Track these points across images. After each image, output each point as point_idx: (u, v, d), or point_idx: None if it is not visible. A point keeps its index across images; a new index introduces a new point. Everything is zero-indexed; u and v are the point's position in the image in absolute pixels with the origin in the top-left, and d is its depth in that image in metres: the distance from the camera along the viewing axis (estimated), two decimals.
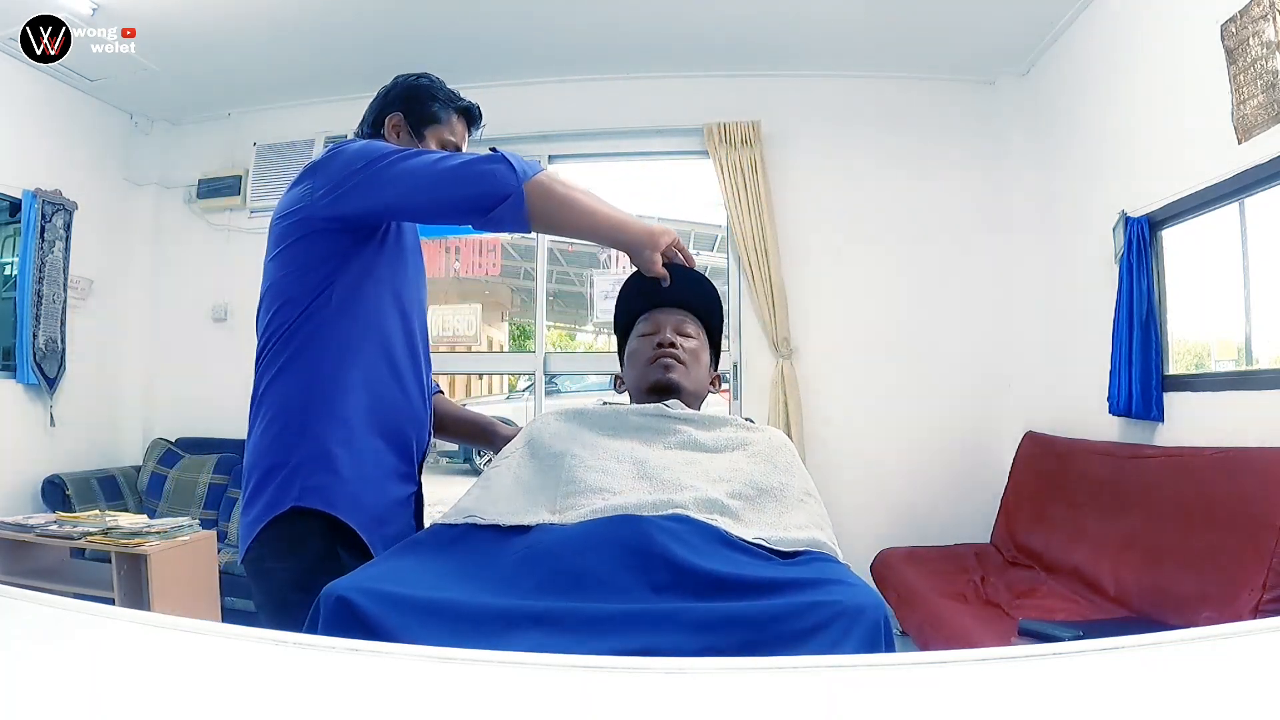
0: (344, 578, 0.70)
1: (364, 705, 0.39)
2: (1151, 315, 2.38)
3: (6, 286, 3.41)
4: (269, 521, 0.98)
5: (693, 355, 1.17)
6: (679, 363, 1.14)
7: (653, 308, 1.21)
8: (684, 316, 1.20)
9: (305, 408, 1.01)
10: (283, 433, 1.00)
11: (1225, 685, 0.33)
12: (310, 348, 1.02)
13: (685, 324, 1.19)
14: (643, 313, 1.22)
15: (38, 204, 3.23)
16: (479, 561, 0.77)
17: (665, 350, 1.14)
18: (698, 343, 1.19)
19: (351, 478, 1.00)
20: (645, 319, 1.21)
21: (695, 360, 1.17)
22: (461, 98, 1.26)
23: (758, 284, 3.30)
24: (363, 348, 1.04)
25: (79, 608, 0.51)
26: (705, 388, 1.20)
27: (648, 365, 1.15)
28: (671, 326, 1.18)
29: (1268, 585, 1.63)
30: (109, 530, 2.39)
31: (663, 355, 1.14)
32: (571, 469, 0.92)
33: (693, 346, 1.18)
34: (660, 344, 1.15)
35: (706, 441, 0.99)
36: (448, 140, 1.22)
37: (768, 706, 0.37)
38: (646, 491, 0.85)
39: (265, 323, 1.05)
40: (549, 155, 3.54)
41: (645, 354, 1.16)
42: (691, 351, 1.17)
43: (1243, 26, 1.98)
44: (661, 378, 1.13)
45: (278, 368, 1.02)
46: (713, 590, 0.69)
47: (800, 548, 0.80)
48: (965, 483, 3.23)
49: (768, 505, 0.88)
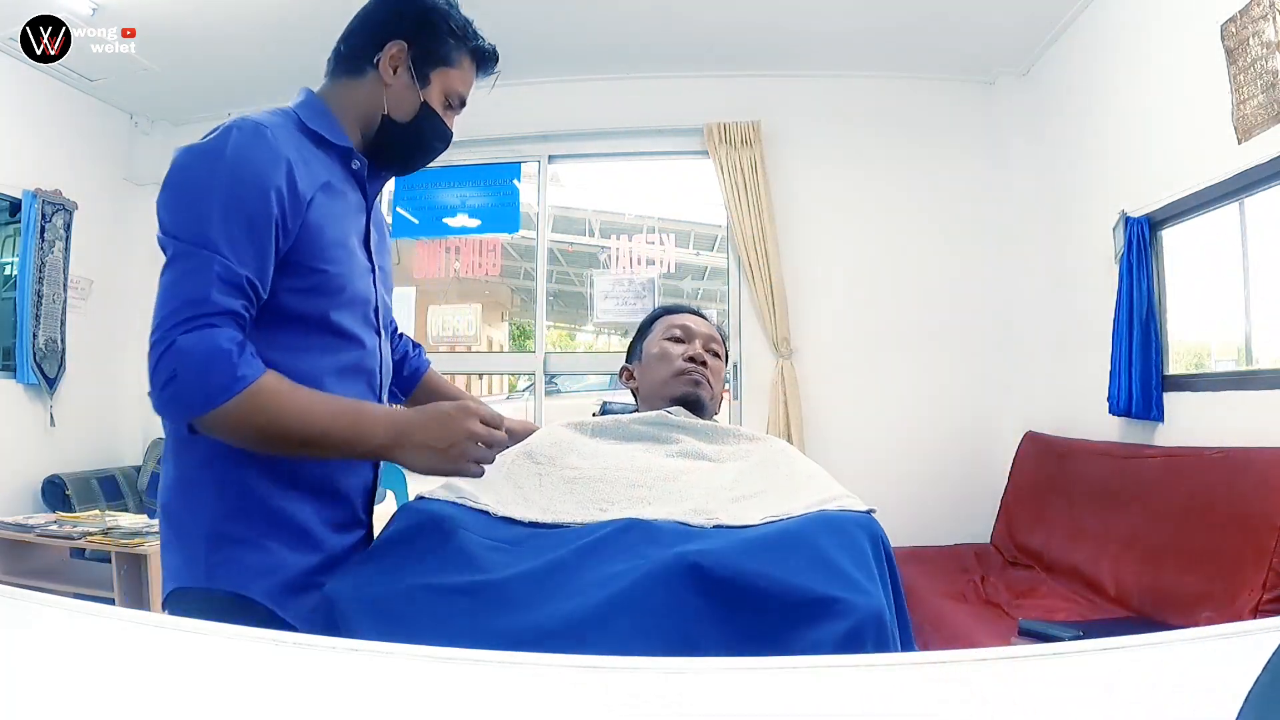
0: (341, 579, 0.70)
1: (364, 705, 0.39)
2: (1151, 315, 2.38)
3: (6, 286, 3.41)
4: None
5: (716, 375, 1.17)
6: (706, 379, 1.13)
7: (684, 312, 1.22)
8: (713, 333, 1.21)
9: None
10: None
11: (1225, 685, 0.33)
12: None
13: (713, 342, 1.20)
14: (671, 312, 1.23)
15: (38, 204, 3.23)
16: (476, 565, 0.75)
17: (698, 368, 1.13)
18: (720, 364, 1.20)
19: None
20: (675, 319, 1.21)
21: (717, 377, 1.17)
22: (479, 35, 1.02)
23: (758, 284, 3.30)
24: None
25: (79, 608, 0.51)
26: (719, 403, 1.21)
27: (675, 377, 1.13)
28: (703, 341, 1.17)
29: (1268, 585, 1.63)
30: (109, 530, 2.39)
31: (695, 371, 1.13)
32: (568, 475, 0.90)
33: (716, 367, 1.18)
34: (694, 358, 1.13)
35: (708, 452, 0.98)
36: (454, 90, 0.99)
37: (768, 706, 0.37)
38: (644, 502, 0.83)
39: None
40: (549, 155, 3.55)
41: (674, 362, 1.14)
42: (715, 372, 1.17)
43: (1243, 26, 1.98)
44: (691, 392, 1.12)
45: None
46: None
47: (813, 509, 0.79)
48: (965, 483, 3.23)
49: (769, 500, 0.87)
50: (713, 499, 0.84)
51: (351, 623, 0.64)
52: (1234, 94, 2.01)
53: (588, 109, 3.50)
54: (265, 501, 0.81)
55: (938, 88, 3.40)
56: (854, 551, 0.70)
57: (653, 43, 3.23)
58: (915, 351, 3.32)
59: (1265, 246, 2.11)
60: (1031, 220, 3.25)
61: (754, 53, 3.30)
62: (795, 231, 3.37)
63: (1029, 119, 3.27)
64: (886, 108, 3.41)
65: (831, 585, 0.64)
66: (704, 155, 3.42)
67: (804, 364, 3.32)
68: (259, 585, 0.80)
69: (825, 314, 3.36)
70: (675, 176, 3.81)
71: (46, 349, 3.29)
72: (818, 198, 3.40)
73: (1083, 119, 2.87)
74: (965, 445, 3.28)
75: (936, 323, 3.33)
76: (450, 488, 0.87)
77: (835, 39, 3.18)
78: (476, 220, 3.66)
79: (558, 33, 3.16)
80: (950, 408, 3.30)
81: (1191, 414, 2.26)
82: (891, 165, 3.39)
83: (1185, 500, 1.99)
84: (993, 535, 2.99)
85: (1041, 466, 2.85)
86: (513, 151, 3.61)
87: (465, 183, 3.66)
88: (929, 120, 3.40)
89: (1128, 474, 2.29)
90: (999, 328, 3.31)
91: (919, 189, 3.38)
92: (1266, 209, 2.06)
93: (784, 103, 3.43)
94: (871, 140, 3.41)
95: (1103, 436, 2.60)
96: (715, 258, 3.92)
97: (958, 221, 3.36)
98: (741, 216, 3.32)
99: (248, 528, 0.81)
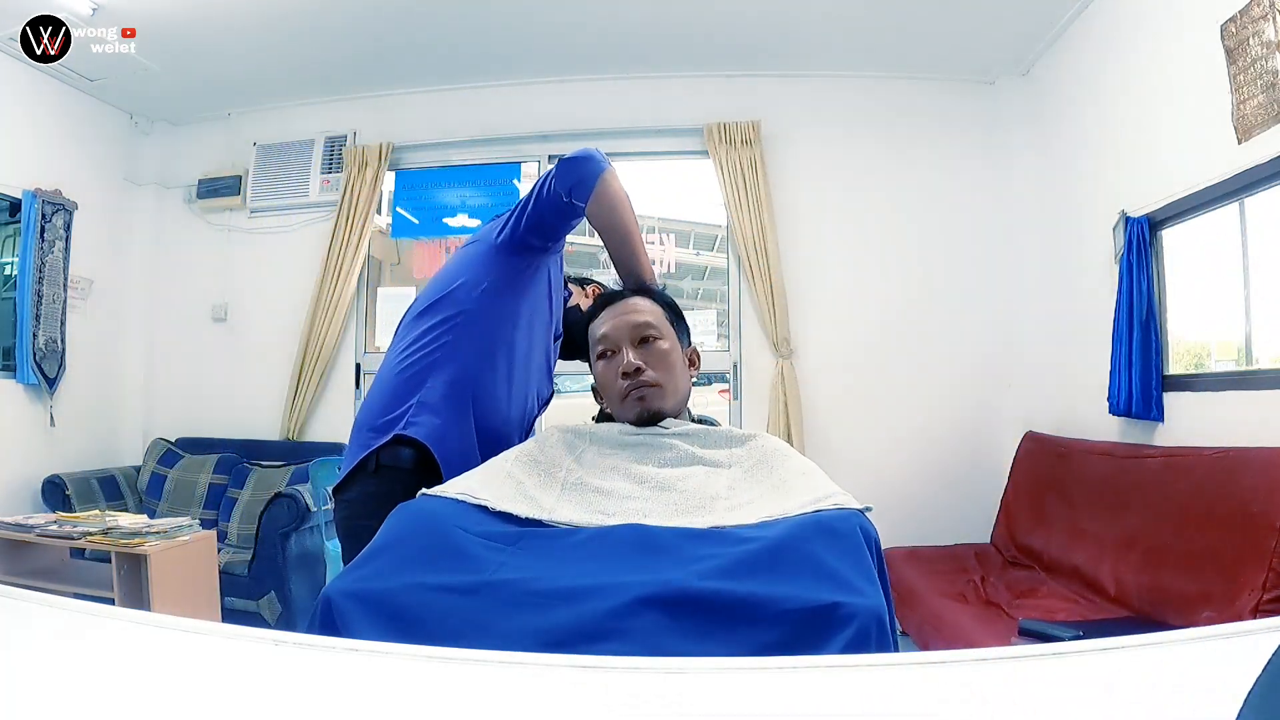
0: (339, 578, 0.70)
1: (364, 705, 0.39)
2: (1151, 315, 2.38)
3: (6, 286, 3.41)
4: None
5: (662, 359, 1.06)
6: (651, 385, 1.04)
7: (605, 308, 1.13)
8: (635, 306, 1.10)
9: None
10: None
11: (1225, 685, 0.33)
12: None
13: (641, 321, 1.08)
14: (596, 312, 1.14)
15: (38, 204, 3.23)
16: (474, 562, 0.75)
17: (633, 381, 1.03)
18: (664, 340, 1.08)
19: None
20: (598, 328, 1.11)
21: (667, 366, 1.06)
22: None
23: (758, 284, 3.30)
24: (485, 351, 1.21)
25: (79, 608, 0.51)
26: (687, 383, 1.11)
27: (622, 403, 1.05)
28: (630, 340, 1.06)
29: (1268, 585, 1.63)
30: (109, 530, 2.39)
31: (633, 389, 1.03)
32: (569, 479, 0.90)
33: (660, 354, 1.06)
34: (625, 373, 1.04)
35: (703, 457, 0.96)
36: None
37: (768, 706, 0.37)
38: (640, 514, 0.83)
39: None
40: (549, 155, 3.54)
41: (613, 386, 1.06)
42: (660, 355, 1.06)
43: (1243, 26, 1.97)
44: (641, 411, 1.03)
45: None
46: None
47: (807, 509, 0.78)
48: (965, 483, 3.23)
49: (765, 504, 0.87)
50: (708, 507, 0.84)
51: (349, 622, 0.64)
52: (1234, 94, 2.01)
53: (588, 109, 3.50)
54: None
55: (938, 88, 3.40)
56: (849, 552, 0.70)
57: (653, 43, 3.23)
58: (915, 351, 3.32)
59: (1265, 246, 2.11)
60: (1031, 220, 3.25)
61: (754, 53, 3.31)
62: (795, 231, 3.37)
63: (1029, 119, 3.27)
64: (886, 108, 3.41)
65: (831, 591, 0.63)
66: (704, 155, 3.42)
67: (804, 364, 3.32)
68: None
69: (825, 314, 3.36)
70: (675, 176, 3.81)
71: (46, 349, 3.29)
72: (818, 198, 3.40)
73: (1083, 119, 2.87)
74: (965, 445, 3.28)
75: (936, 322, 3.33)
76: (451, 485, 0.88)
77: (835, 39, 3.18)
78: (476, 220, 3.66)
79: (558, 33, 3.16)
80: (950, 407, 3.30)
81: (1191, 414, 2.26)
82: (891, 165, 3.39)
83: (1185, 500, 1.99)
84: (993, 535, 2.99)
85: (1041, 466, 2.85)
86: (513, 151, 3.61)
87: (465, 183, 3.66)
88: (929, 120, 3.40)
89: (1128, 474, 2.29)
90: (999, 328, 3.31)
91: (919, 189, 3.38)
92: (1266, 209, 2.06)
93: (784, 103, 3.43)
94: (871, 140, 3.41)
95: (1103, 436, 2.60)
96: (715, 258, 3.92)
97: (958, 221, 3.36)
98: (741, 216, 3.32)
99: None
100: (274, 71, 3.46)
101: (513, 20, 3.06)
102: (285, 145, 3.73)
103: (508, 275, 1.22)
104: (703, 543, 0.74)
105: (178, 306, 3.81)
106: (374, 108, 3.63)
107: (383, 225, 3.80)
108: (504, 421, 1.23)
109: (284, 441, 3.53)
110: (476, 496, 0.84)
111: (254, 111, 3.78)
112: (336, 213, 3.55)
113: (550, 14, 3.01)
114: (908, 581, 2.57)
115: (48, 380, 3.30)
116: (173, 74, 3.34)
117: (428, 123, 3.60)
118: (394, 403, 1.17)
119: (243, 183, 3.72)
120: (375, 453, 1.14)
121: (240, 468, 3.34)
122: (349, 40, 3.18)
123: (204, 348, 3.76)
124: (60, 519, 2.55)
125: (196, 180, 3.76)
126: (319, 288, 3.53)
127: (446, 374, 1.18)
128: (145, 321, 3.83)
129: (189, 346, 3.78)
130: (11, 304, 3.28)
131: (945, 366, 3.31)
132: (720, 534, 0.76)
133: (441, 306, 1.22)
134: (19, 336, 3.22)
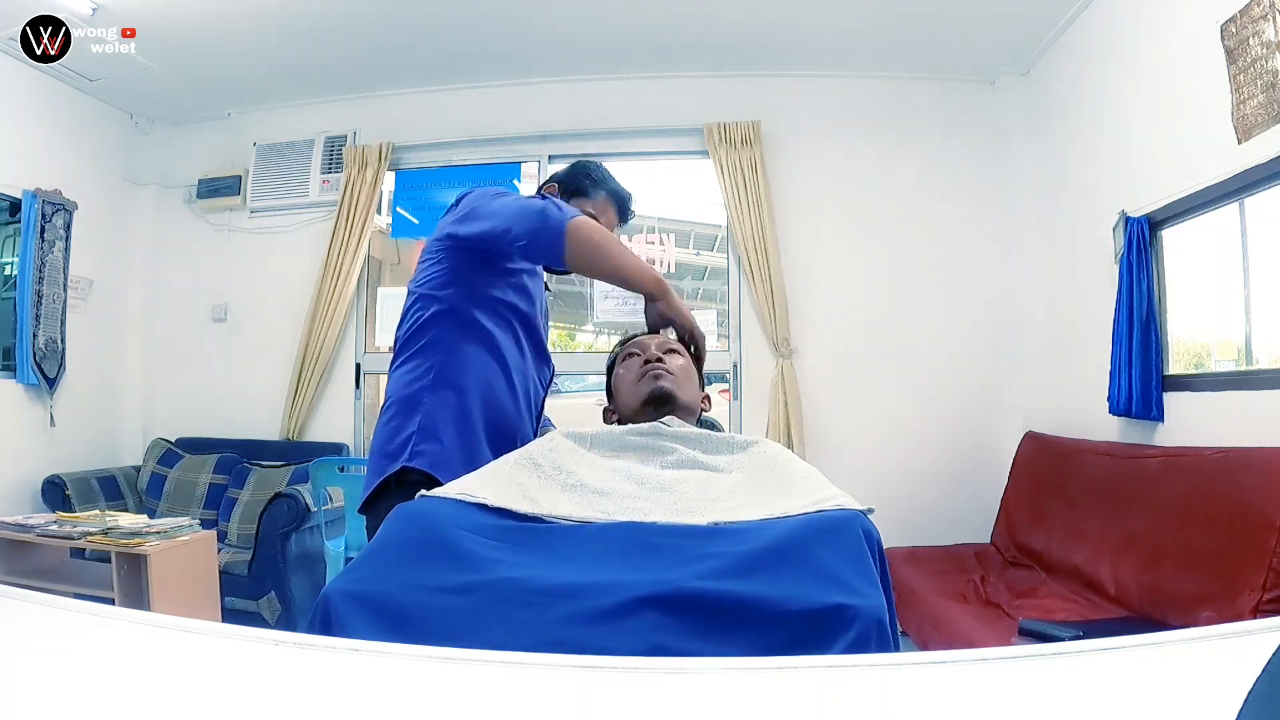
0: (338, 579, 0.70)
1: (364, 705, 0.39)
2: (1151, 315, 2.38)
3: (6, 286, 3.41)
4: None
5: (683, 371, 1.18)
6: (669, 373, 1.15)
7: (636, 338, 1.25)
8: (669, 341, 1.23)
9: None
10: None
11: (1225, 685, 0.33)
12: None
13: (670, 344, 1.22)
14: (626, 342, 1.26)
15: (38, 204, 3.23)
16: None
17: (654, 365, 1.16)
18: (685, 361, 1.20)
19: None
20: (628, 346, 1.24)
21: (686, 376, 1.18)
22: (614, 183, 1.43)
23: (758, 284, 3.30)
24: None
25: (79, 608, 0.51)
26: (698, 405, 1.20)
27: (638, 381, 1.16)
28: (657, 346, 1.20)
29: (1268, 585, 1.63)
30: (109, 530, 2.39)
31: (651, 369, 1.15)
32: (570, 481, 0.90)
33: (681, 364, 1.19)
34: (648, 360, 1.17)
35: (704, 461, 0.97)
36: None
37: (768, 706, 0.37)
38: (641, 514, 0.82)
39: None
40: (549, 155, 3.55)
41: (633, 372, 1.18)
42: (681, 368, 1.18)
43: (1243, 26, 1.98)
44: (654, 387, 1.13)
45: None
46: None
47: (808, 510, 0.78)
48: (965, 483, 3.23)
49: (766, 505, 0.87)
50: (709, 508, 0.84)
51: (348, 622, 0.64)
52: (1234, 94, 2.01)
53: (588, 109, 3.50)
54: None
55: (938, 88, 3.40)
56: (851, 553, 0.70)
57: (653, 43, 3.23)
58: (915, 351, 3.32)
59: (1265, 246, 2.11)
60: (1031, 220, 3.25)
61: (754, 53, 3.31)
62: (795, 231, 3.37)
63: (1029, 119, 3.27)
64: (886, 108, 3.41)
65: (834, 593, 0.63)
66: (704, 155, 3.42)
67: (804, 364, 3.32)
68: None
69: (825, 314, 3.36)
70: (675, 176, 3.81)
71: (46, 349, 3.29)
72: (818, 198, 3.40)
73: (1083, 119, 2.87)
74: (965, 445, 3.28)
75: (936, 322, 3.33)
76: (450, 486, 0.88)
77: (835, 39, 3.18)
78: None
79: (558, 33, 3.16)
80: (950, 407, 3.30)
81: (1191, 414, 2.26)
82: (891, 165, 3.39)
83: (1185, 500, 1.99)
84: (993, 535, 2.99)
85: (1041, 466, 2.85)
86: (513, 151, 3.61)
87: (465, 183, 3.66)
88: (929, 120, 3.40)
89: (1128, 474, 2.29)
90: (999, 328, 3.31)
91: (919, 189, 3.38)
92: (1266, 209, 2.06)
93: (784, 103, 3.43)
94: (871, 140, 3.41)
95: (1103, 436, 2.60)
96: (715, 258, 3.92)
97: (957, 221, 3.36)
98: (741, 216, 3.32)
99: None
100: (274, 71, 3.46)
101: (513, 20, 3.06)
102: (285, 145, 3.73)
103: (469, 273, 1.28)
104: (703, 541, 0.73)
105: (178, 306, 3.81)
106: (374, 108, 3.63)
107: (383, 225, 3.80)
108: (511, 417, 1.27)
109: (284, 441, 3.53)
110: (475, 495, 0.84)
111: (254, 111, 3.78)
112: (336, 213, 3.55)
113: (550, 14, 3.01)
114: (908, 581, 2.57)
115: (48, 380, 3.30)
116: (172, 74, 3.34)
117: (428, 123, 3.60)
118: (398, 430, 1.22)
119: (243, 183, 3.72)
120: (393, 475, 1.20)
121: (240, 468, 3.34)
122: (349, 40, 3.18)
123: (204, 348, 3.76)
124: (60, 519, 2.55)
125: (196, 180, 3.76)
126: (319, 288, 3.53)
127: (441, 392, 1.22)
128: (145, 321, 3.84)
129: (189, 346, 3.78)
130: (11, 304, 3.28)
131: (945, 366, 3.31)
132: (721, 532, 0.76)
133: (422, 326, 1.30)
134: (19, 336, 3.22)
